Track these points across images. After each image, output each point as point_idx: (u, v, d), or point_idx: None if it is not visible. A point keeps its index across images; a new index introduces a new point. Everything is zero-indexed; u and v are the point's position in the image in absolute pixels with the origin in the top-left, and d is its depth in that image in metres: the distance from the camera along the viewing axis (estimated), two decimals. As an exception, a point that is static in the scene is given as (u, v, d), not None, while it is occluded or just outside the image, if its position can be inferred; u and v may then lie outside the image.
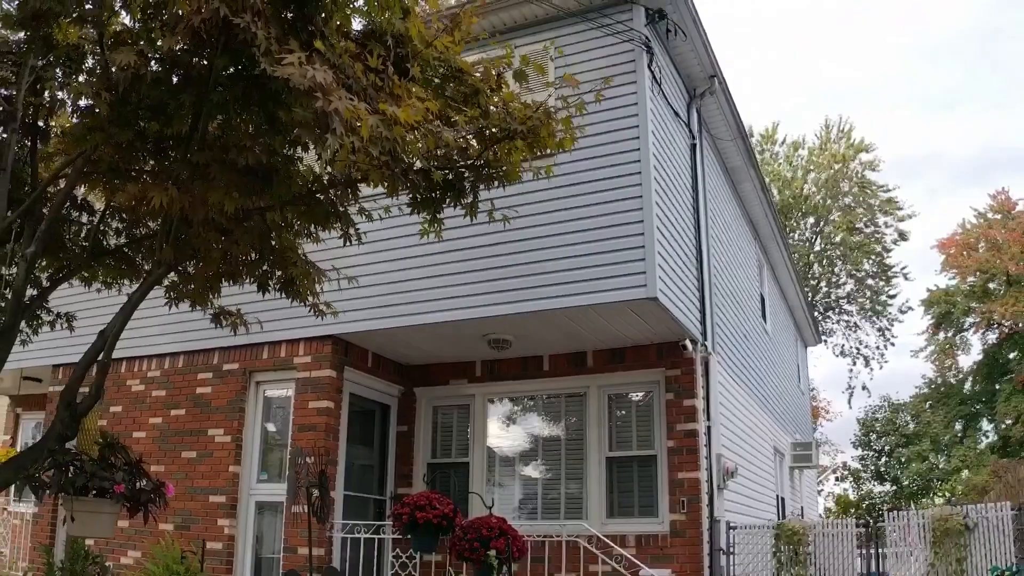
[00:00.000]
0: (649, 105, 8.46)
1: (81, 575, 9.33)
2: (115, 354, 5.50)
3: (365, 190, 4.60)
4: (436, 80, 4.61)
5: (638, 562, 8.30)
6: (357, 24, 4.32)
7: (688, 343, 9.17)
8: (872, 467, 42.52)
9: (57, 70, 4.96)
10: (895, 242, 36.83)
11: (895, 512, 8.83)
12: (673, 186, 9.13)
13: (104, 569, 9.77)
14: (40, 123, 5.35)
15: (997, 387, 37.42)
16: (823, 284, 40.20)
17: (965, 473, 38.28)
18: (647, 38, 8.65)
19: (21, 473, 4.78)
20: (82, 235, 5.62)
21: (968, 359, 40.06)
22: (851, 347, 40.27)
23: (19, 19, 4.26)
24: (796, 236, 39.29)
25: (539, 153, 4.59)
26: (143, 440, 10.26)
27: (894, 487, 41.51)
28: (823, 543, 8.79)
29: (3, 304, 5.22)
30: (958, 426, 40.52)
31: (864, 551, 8.75)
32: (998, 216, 36.90)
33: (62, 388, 4.88)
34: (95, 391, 4.78)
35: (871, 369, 40.53)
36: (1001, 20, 65.21)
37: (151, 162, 4.74)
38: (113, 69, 4.17)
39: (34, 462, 4.76)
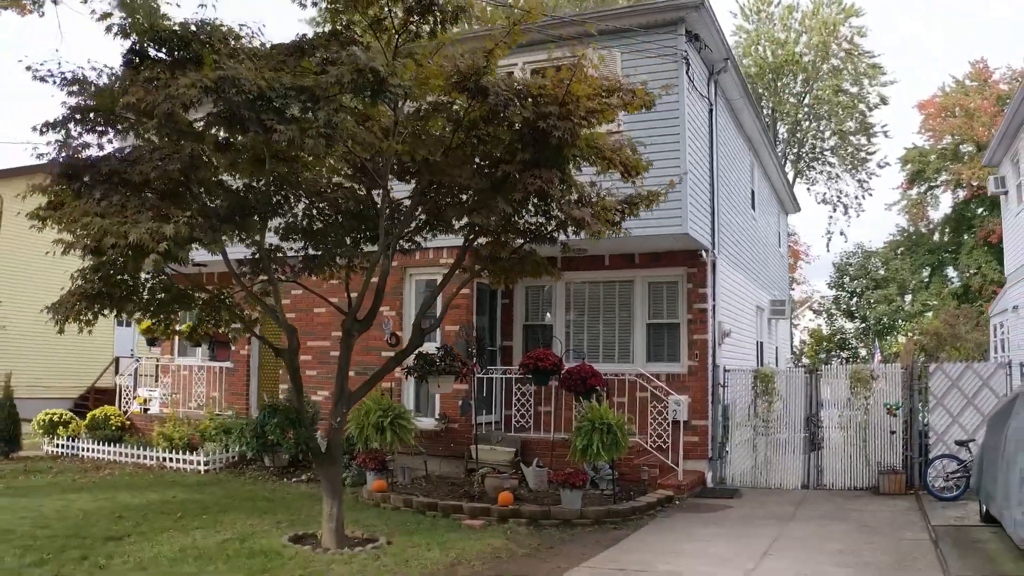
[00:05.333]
0: (686, 101, 13.58)
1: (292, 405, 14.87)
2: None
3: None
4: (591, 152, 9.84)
5: (669, 389, 14.07)
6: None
7: (703, 252, 14.65)
8: (844, 306, 48.93)
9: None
10: (876, 105, 41.42)
11: (828, 365, 14.63)
12: (698, 150, 14.36)
13: (311, 404, 15.28)
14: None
15: (965, 238, 42.73)
16: (809, 137, 45.08)
17: (929, 315, 44.37)
18: (687, 52, 13.61)
19: (396, 366, 10.35)
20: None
21: (938, 214, 45.42)
22: (832, 195, 45.72)
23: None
24: (787, 92, 43.83)
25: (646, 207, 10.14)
26: (324, 315, 15.64)
27: (863, 324, 47.97)
28: (785, 381, 14.66)
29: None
30: (925, 272, 46.36)
31: (809, 387, 14.56)
32: (975, 84, 41.39)
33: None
34: (435, 323, 10.34)
35: (848, 217, 46.09)
36: None
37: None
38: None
39: (404, 360, 10.37)
